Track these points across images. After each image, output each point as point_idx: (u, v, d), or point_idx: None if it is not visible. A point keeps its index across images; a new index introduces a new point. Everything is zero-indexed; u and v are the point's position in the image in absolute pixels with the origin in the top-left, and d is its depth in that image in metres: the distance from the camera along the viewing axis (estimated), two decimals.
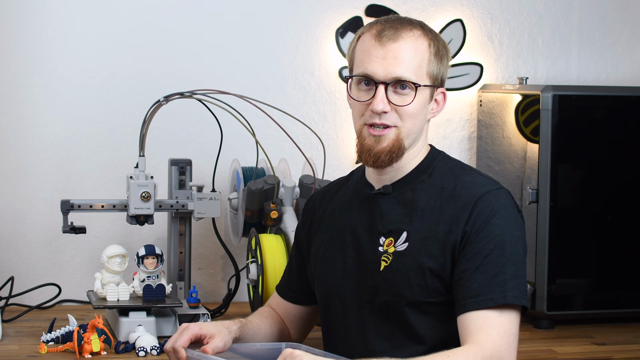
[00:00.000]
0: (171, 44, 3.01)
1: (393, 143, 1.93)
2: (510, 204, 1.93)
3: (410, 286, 1.92)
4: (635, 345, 2.63)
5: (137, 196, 2.59)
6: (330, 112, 3.13)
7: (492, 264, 1.86)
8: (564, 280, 2.78)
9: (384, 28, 1.94)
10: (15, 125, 2.94)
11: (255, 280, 2.61)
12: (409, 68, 1.92)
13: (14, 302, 2.83)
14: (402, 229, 1.95)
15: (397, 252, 1.95)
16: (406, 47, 1.92)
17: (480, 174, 1.99)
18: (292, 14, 3.09)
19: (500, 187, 1.95)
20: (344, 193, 2.11)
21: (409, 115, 1.93)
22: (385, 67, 1.91)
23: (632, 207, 2.83)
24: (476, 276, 1.86)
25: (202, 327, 1.95)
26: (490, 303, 1.84)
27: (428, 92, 1.96)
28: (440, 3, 3.18)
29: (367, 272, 1.98)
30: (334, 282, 2.04)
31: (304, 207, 2.22)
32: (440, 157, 2.03)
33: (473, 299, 1.85)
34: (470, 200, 1.91)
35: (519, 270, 1.88)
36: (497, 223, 1.89)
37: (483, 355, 1.80)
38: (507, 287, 1.85)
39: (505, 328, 1.84)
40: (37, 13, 2.92)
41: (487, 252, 1.87)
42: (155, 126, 2.78)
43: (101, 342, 2.36)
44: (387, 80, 1.91)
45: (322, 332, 2.11)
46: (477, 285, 1.85)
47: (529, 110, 2.86)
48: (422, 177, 1.99)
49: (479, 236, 1.88)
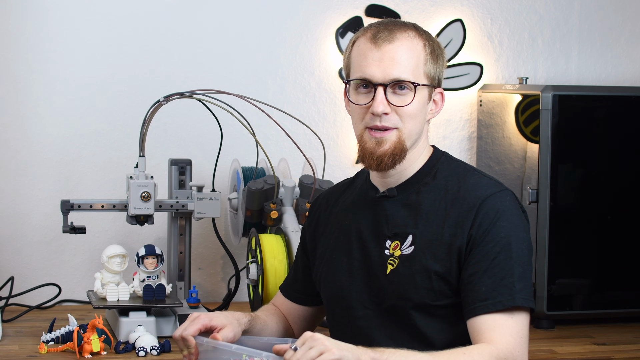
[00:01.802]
0: (171, 44, 3.01)
1: (395, 145, 1.93)
2: (515, 205, 1.93)
3: (417, 289, 1.93)
4: (635, 345, 2.63)
5: (137, 196, 2.59)
6: (330, 112, 3.13)
7: (500, 267, 1.87)
8: (564, 280, 2.78)
9: (379, 30, 1.94)
10: (15, 125, 2.94)
11: (255, 280, 2.61)
12: (406, 68, 1.92)
13: (14, 302, 2.83)
14: (408, 232, 1.96)
15: (404, 255, 1.95)
16: (402, 47, 1.92)
17: (484, 175, 2.00)
18: (292, 14, 3.09)
19: (504, 188, 1.95)
20: (350, 195, 2.11)
21: (409, 116, 1.93)
22: (383, 69, 1.91)
23: (632, 207, 2.83)
24: (484, 279, 1.86)
25: (212, 317, 1.94)
26: (500, 306, 1.84)
27: (426, 92, 1.96)
28: (440, 3, 3.18)
29: (374, 275, 1.99)
30: (340, 284, 2.04)
31: (309, 208, 2.23)
32: (443, 158, 2.03)
33: (482, 303, 1.85)
34: (474, 204, 1.91)
35: (526, 272, 1.89)
36: (502, 225, 1.89)
37: (498, 355, 1.80)
38: (515, 290, 1.85)
39: (517, 329, 1.85)
40: (37, 13, 2.92)
41: (494, 255, 1.87)
42: (155, 126, 2.78)
43: (101, 342, 2.36)
44: (386, 82, 1.91)
45: (330, 332, 2.12)
46: (485, 289, 1.86)
47: (529, 110, 2.86)
48: (426, 179, 1.99)
49: (486, 239, 1.88)
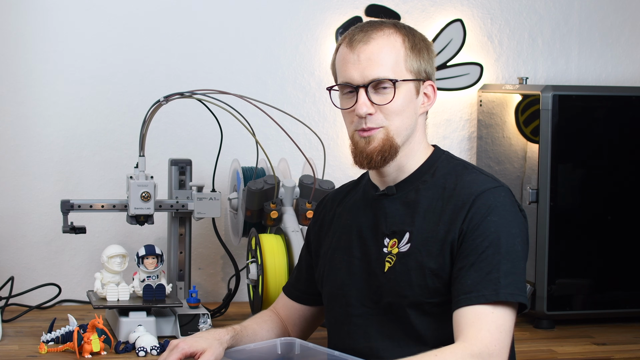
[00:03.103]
0: (171, 44, 3.01)
1: (383, 142, 1.94)
2: (510, 201, 1.93)
3: (412, 287, 1.93)
4: (635, 345, 2.63)
5: (137, 196, 2.59)
6: (330, 112, 3.13)
7: (487, 261, 1.86)
8: (564, 280, 2.78)
9: (354, 34, 1.96)
10: (15, 125, 2.94)
11: (255, 280, 2.61)
12: (384, 67, 1.93)
13: (14, 302, 2.83)
14: (405, 229, 1.96)
15: (401, 252, 1.96)
16: (377, 47, 1.94)
17: (482, 172, 2.00)
18: (292, 14, 3.09)
19: (499, 185, 1.95)
20: (354, 195, 2.13)
21: (393, 113, 1.94)
22: (361, 71, 1.93)
23: (632, 207, 2.83)
24: (470, 273, 1.86)
25: (191, 344, 1.94)
26: (482, 300, 1.84)
27: (412, 87, 1.96)
28: (440, 3, 3.18)
29: (372, 273, 2.00)
30: (340, 282, 2.05)
31: (315, 209, 2.24)
32: (444, 156, 2.03)
33: (465, 295, 1.85)
34: (468, 199, 1.91)
35: (515, 268, 1.88)
36: (493, 220, 1.88)
37: (472, 351, 1.79)
38: (500, 285, 1.84)
39: (497, 324, 1.83)
40: (37, 13, 2.92)
41: (482, 250, 1.87)
42: (155, 126, 2.78)
43: (101, 342, 2.36)
44: (365, 83, 1.93)
45: (327, 330, 2.13)
46: (470, 282, 1.85)
47: (529, 110, 2.86)
48: (425, 177, 1.99)
49: (475, 233, 1.88)
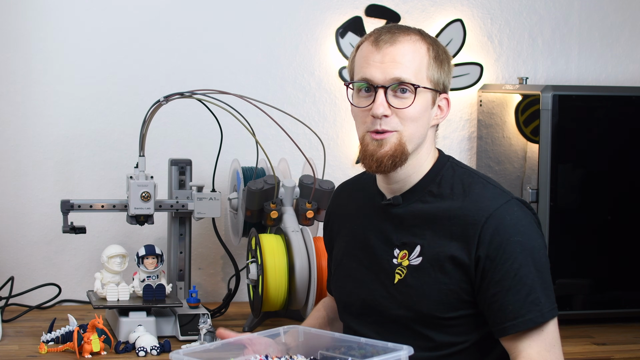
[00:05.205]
0: (171, 44, 3.01)
1: (395, 147, 1.91)
2: (524, 214, 1.91)
3: (426, 301, 1.93)
4: (635, 345, 2.63)
5: (137, 196, 2.59)
6: (330, 112, 3.13)
7: (522, 283, 1.86)
8: (564, 280, 2.78)
9: (381, 34, 1.94)
10: (15, 125, 2.94)
11: (255, 280, 2.61)
12: (408, 69, 1.90)
13: (14, 302, 2.83)
14: (416, 242, 1.95)
15: (412, 266, 1.95)
16: (404, 50, 1.91)
17: (489, 182, 1.97)
18: (292, 14, 3.09)
19: (509, 198, 1.92)
20: (360, 196, 2.11)
21: (409, 119, 1.91)
22: (383, 70, 1.90)
23: (632, 208, 2.82)
24: (509, 298, 1.86)
25: None
26: (530, 324, 1.86)
27: (429, 97, 1.94)
28: (440, 3, 3.18)
29: (380, 283, 1.99)
30: (348, 289, 2.05)
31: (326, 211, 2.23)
32: (448, 164, 2.00)
33: (512, 322, 1.86)
34: (479, 218, 1.89)
35: (548, 280, 1.90)
36: (517, 241, 1.87)
37: None
38: (542, 305, 1.86)
39: (549, 341, 1.87)
40: (37, 13, 2.92)
41: (515, 272, 1.86)
42: (155, 126, 2.78)
43: (101, 342, 2.36)
44: (386, 83, 1.90)
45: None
46: (512, 308, 1.86)
47: (529, 110, 2.86)
48: (431, 187, 1.97)
49: (502, 257, 1.87)
